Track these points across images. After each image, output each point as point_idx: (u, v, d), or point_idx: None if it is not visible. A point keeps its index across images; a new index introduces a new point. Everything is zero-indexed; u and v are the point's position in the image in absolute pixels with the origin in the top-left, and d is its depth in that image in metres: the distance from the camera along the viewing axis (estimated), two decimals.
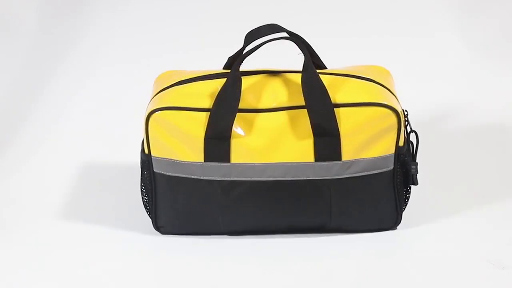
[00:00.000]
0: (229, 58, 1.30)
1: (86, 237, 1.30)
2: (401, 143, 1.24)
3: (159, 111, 1.21)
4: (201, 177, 1.23)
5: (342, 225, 1.27)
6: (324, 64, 1.31)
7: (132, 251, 1.26)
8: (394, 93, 1.26)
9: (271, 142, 1.21)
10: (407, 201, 1.28)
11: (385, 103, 1.20)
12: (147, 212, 1.29)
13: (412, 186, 1.28)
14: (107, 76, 1.77)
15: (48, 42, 1.79)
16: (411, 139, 1.28)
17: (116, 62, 1.79)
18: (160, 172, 1.25)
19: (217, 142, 1.21)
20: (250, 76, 1.25)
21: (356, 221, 1.27)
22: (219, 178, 1.22)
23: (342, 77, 1.25)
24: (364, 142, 1.21)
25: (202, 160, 1.22)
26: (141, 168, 1.27)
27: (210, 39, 1.81)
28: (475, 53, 1.80)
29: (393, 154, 1.23)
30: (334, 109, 1.20)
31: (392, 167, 1.24)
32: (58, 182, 1.46)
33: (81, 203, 1.41)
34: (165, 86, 1.26)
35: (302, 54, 1.22)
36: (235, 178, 1.22)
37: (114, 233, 1.30)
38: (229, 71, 1.23)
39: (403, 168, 1.25)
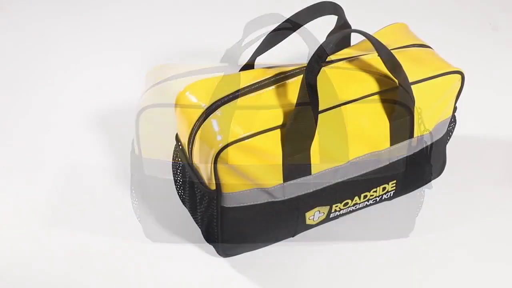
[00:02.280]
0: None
1: (72, 246, 1.28)
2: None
3: (239, 142, 1.10)
4: (282, 198, 1.17)
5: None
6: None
7: (123, 260, 1.24)
8: (429, 45, 1.28)
9: (340, 140, 1.17)
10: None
11: (452, 70, 1.21)
12: (205, 237, 1.23)
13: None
14: (95, 71, 1.74)
15: (34, 36, 1.78)
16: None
17: (104, 56, 1.75)
18: (231, 205, 1.16)
19: (297, 157, 1.14)
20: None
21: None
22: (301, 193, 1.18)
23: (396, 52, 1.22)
24: (434, 112, 1.22)
25: (281, 181, 1.15)
26: (207, 200, 1.17)
27: (206, 30, 1.78)
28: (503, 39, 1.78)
29: (451, 116, 1.28)
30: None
31: (447, 129, 1.30)
32: (44, 186, 1.42)
33: (69, 208, 1.37)
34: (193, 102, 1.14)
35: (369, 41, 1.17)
36: (316, 188, 1.17)
37: (103, 241, 1.28)
38: (252, 69, 1.21)
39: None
